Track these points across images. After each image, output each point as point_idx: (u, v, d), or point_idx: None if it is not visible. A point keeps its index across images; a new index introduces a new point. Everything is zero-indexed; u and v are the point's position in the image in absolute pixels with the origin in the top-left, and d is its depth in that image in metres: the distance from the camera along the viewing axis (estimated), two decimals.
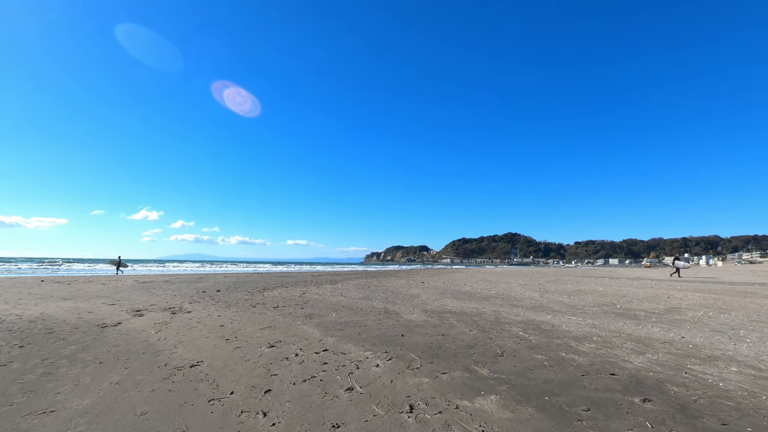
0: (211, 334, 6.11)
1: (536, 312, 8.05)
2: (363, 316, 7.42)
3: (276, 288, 14.66)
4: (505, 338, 5.31)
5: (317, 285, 16.54)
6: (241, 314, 7.93)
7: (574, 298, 11.24)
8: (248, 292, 12.82)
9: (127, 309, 9.18)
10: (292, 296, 11.37)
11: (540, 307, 8.99)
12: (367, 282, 19.22)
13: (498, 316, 7.32)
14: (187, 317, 7.81)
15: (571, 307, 8.87)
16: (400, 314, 7.62)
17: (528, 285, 17.36)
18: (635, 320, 6.98)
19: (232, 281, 19.03)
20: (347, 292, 12.73)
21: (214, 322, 7.11)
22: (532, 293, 12.74)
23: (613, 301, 10.33)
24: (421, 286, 16.36)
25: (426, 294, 12.24)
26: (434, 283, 18.16)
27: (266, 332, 6.09)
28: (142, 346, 5.51)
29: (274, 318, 7.34)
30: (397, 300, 10.36)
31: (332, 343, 5.20)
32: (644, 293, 12.67)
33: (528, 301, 10.36)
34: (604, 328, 6.08)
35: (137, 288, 14.75)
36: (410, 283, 18.52)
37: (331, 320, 6.95)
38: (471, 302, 9.93)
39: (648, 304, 9.45)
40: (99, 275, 25.64)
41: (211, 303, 9.89)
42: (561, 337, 5.36)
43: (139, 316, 8.24)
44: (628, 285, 17.36)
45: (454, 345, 4.91)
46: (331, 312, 7.98)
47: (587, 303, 9.80)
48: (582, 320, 6.93)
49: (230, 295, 11.69)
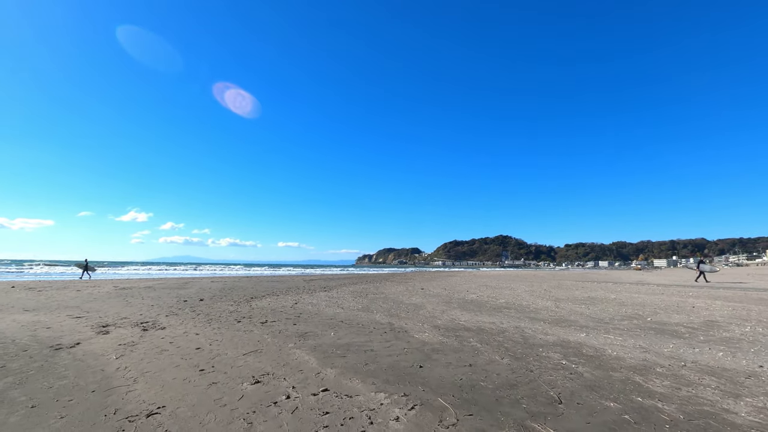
0: (184, 362, 4.99)
1: (563, 328, 7.05)
2: (366, 335, 6.33)
3: (265, 296, 13.47)
4: (549, 370, 4.27)
5: (310, 292, 15.39)
6: (223, 332, 6.79)
7: (592, 307, 10.29)
8: (234, 301, 11.62)
9: (93, 324, 7.99)
10: (282, 307, 10.22)
11: (562, 320, 8.00)
12: (363, 288, 18.11)
13: (524, 335, 6.29)
14: (159, 336, 6.65)
15: (597, 321, 7.90)
16: (409, 332, 6.55)
17: (534, 291, 16.43)
18: (682, 339, 6.01)
19: (218, 287, 17.76)
20: (344, 302, 11.61)
21: (190, 344, 5.97)
22: (544, 302, 11.78)
23: (637, 311, 9.40)
24: (422, 293, 15.31)
25: (431, 304, 11.19)
26: (435, 290, 17.13)
27: (251, 359, 4.97)
28: (94, 379, 4.38)
29: (261, 338, 6.21)
30: (401, 312, 9.28)
31: (333, 378, 4.11)
32: (661, 301, 11.79)
33: (545, 312, 9.38)
34: (659, 353, 5.09)
35: (113, 296, 13.46)
36: (409, 289, 17.46)
37: (330, 341, 5.85)
38: (483, 314, 8.90)
39: (678, 316, 8.53)
40: (77, 280, 24.09)
41: (190, 316, 8.72)
42: (616, 368, 4.35)
43: (103, 333, 7.06)
44: (637, 291, 16.53)
45: (490, 383, 3.86)
46: (328, 329, 6.87)
47: (611, 314, 8.85)
48: (622, 340, 5.94)
49: (214, 306, 10.50)
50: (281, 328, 7.00)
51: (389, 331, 6.70)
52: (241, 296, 13.37)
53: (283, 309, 9.82)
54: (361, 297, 13.29)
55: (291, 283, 21.94)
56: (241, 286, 19.32)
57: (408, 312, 9.26)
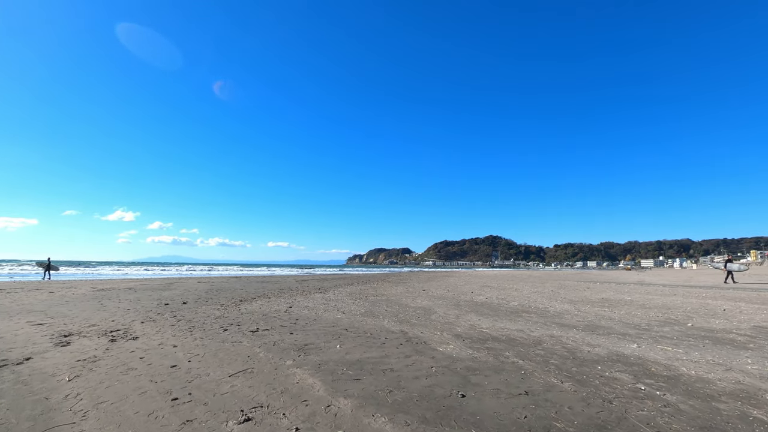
0: (153, 386, 3.90)
1: (604, 336, 6.10)
2: (379, 348, 5.28)
3: (256, 299, 12.32)
4: (632, 400, 3.28)
5: (305, 294, 14.26)
6: (206, 344, 5.68)
7: (616, 310, 9.40)
8: (221, 305, 10.45)
9: (55, 333, 6.83)
10: (276, 312, 9.11)
11: (596, 327, 7.07)
12: (360, 290, 17.05)
13: (566, 347, 5.32)
14: (128, 349, 5.53)
15: (634, 327, 6.98)
16: (429, 344, 5.52)
17: (541, 293, 15.56)
18: (750, 350, 5.11)
19: (205, 289, 16.52)
20: (344, 305, 10.53)
21: (165, 359, 4.87)
22: (560, 304, 10.86)
23: (668, 316, 8.53)
24: (425, 295, 14.30)
25: (440, 307, 10.18)
26: (437, 291, 16.14)
27: (239, 383, 3.90)
28: (32, 412, 3.30)
29: (252, 352, 5.13)
30: (411, 317, 8.25)
31: (351, 414, 3.07)
32: (682, 303, 10.97)
33: (569, 316, 8.44)
34: (745, 371, 4.15)
35: (88, 298, 12.17)
36: (410, 291, 16.44)
37: (337, 357, 4.79)
38: (504, 320, 7.93)
39: (718, 321, 7.68)
40: (54, 281, 22.53)
41: (170, 323, 7.57)
42: (714, 396, 3.38)
43: (63, 345, 5.92)
44: (647, 292, 15.78)
45: (567, 422, 2.84)
46: (332, 340, 5.81)
47: (643, 319, 7.96)
48: (684, 353, 5.00)
49: (198, 311, 9.34)
50: (276, 339, 5.91)
51: (405, 342, 5.66)
52: (229, 299, 12.19)
53: (277, 314, 8.71)
54: (361, 299, 12.23)
55: (283, 284, 20.76)
56: (230, 287, 18.09)
57: (419, 317, 8.24)
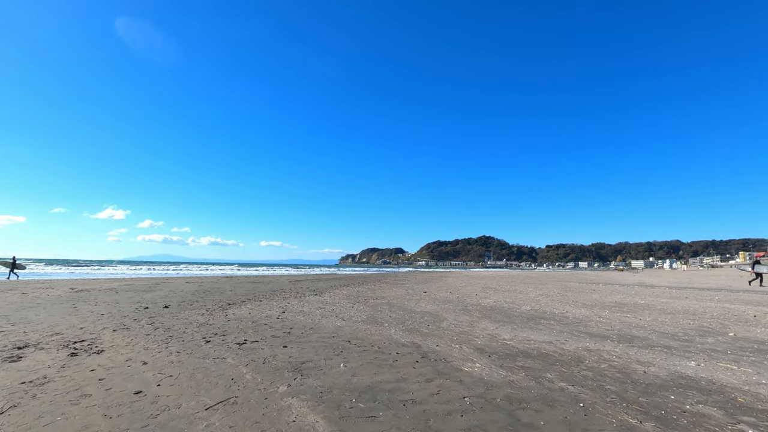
0: (105, 423, 2.99)
1: (648, 351, 5.27)
2: (392, 368, 4.37)
3: (246, 302, 11.33)
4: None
5: (299, 297, 13.30)
6: (183, 360, 4.74)
7: (639, 317, 8.62)
8: (207, 309, 9.46)
9: (9, 343, 5.88)
10: (267, 318, 8.16)
11: (630, 338, 6.25)
12: (358, 291, 16.12)
13: (614, 366, 4.46)
14: (89, 365, 4.58)
15: (673, 338, 6.18)
16: (450, 362, 4.63)
17: (549, 295, 14.78)
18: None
19: (192, 290, 15.46)
20: (342, 310, 9.60)
21: (129, 382, 3.93)
22: (575, 309, 10.06)
23: (701, 324, 7.76)
24: (428, 297, 13.43)
25: (448, 312, 9.31)
26: (439, 293, 15.29)
27: (217, 420, 2.98)
28: None
29: (237, 373, 4.19)
30: (421, 325, 7.35)
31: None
32: (705, 309, 10.25)
33: (593, 325, 7.63)
34: None
35: (63, 301, 11.09)
36: (410, 293, 15.56)
37: (341, 380, 3.88)
38: (524, 328, 7.07)
39: (759, 330, 6.94)
40: (33, 280, 21.24)
41: (145, 331, 6.60)
42: None
43: (12, 360, 4.97)
44: (657, 295, 15.09)
45: None
46: (334, 356, 4.89)
47: (677, 328, 7.18)
48: (756, 373, 4.19)
49: (180, 316, 8.35)
50: (267, 354, 4.97)
51: (421, 358, 4.77)
52: (216, 302, 11.19)
53: (268, 320, 7.76)
54: (360, 303, 11.31)
55: (275, 285, 19.75)
56: (219, 288, 17.05)
57: (428, 325, 7.35)
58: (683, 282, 28.46)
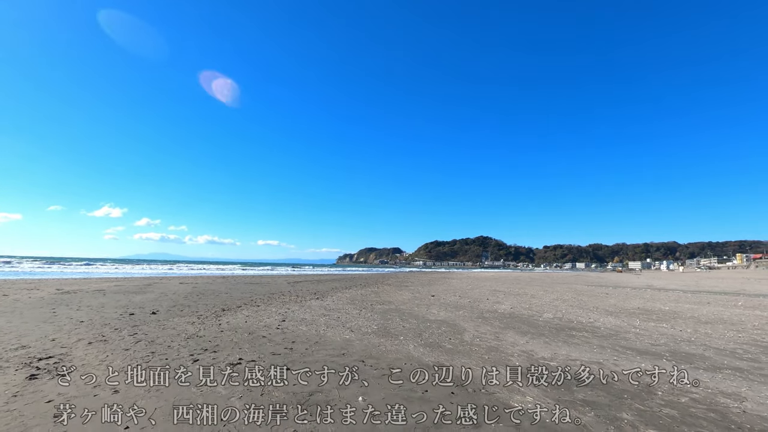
0: None
1: (720, 374, 4.43)
2: (423, 402, 3.48)
3: (242, 306, 10.43)
4: None
5: (299, 301, 12.42)
6: (162, 389, 3.86)
7: (675, 326, 7.80)
8: (198, 316, 8.55)
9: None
10: (266, 327, 7.27)
11: (687, 356, 5.41)
12: (361, 295, 15.25)
13: (699, 401, 3.61)
14: (45, 395, 3.71)
15: (737, 357, 5.35)
16: (493, 393, 3.76)
17: (563, 299, 13.96)
18: None
19: (185, 292, 14.53)
20: (349, 318, 8.72)
21: (90, 424, 3.05)
22: (600, 317, 9.23)
23: (752, 336, 6.96)
24: (438, 302, 12.58)
25: (465, 321, 8.45)
26: (448, 297, 14.44)
27: None
28: None
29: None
30: (441, 338, 6.48)
31: None
32: (738, 316, 9.44)
33: (631, 337, 6.79)
34: None
35: (44, 304, 10.16)
36: (418, 297, 14.70)
37: (363, 427, 3.00)
38: (557, 343, 6.22)
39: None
40: (19, 279, 20.23)
41: (124, 345, 5.72)
42: None
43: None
44: (676, 299, 14.31)
45: None
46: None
47: (730, 343, 6.35)
48: None
49: (168, 324, 7.45)
50: (265, 380, 4.09)
51: (455, 387, 3.89)
52: (209, 306, 10.28)
53: (267, 331, 6.87)
54: (367, 309, 10.44)
55: (273, 287, 18.84)
56: (214, 290, 16.12)
57: (449, 338, 6.49)
58: (691, 285, 27.77)
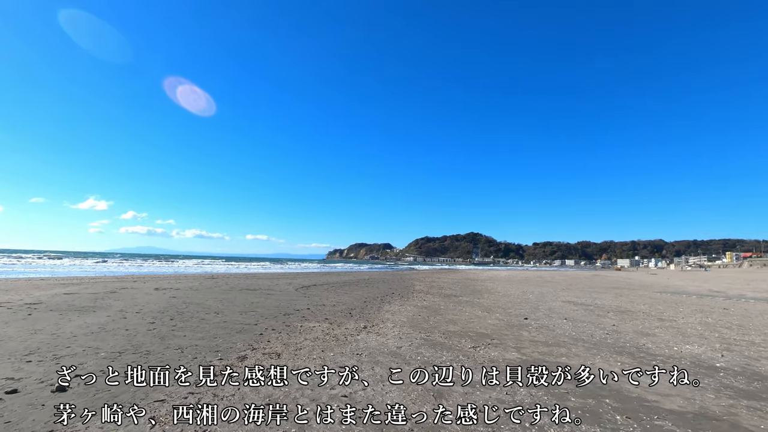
0: None
1: None
2: None
3: (247, 356, 6.13)
4: None
5: (335, 334, 8.14)
6: None
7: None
8: (150, 406, 4.23)
9: None
10: None
11: None
12: (424, 317, 11.04)
13: None
14: None
15: None
16: None
17: (707, 323, 10.00)
18: None
19: (157, 308, 10.07)
20: (467, 396, 4.50)
21: None
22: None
23: None
24: (548, 331, 8.45)
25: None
26: (539, 317, 10.35)
27: None
28: None
29: None
30: None
31: None
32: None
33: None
34: None
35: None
36: (501, 318, 10.55)
37: None
38: None
39: None
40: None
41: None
42: None
43: None
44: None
45: None
46: None
47: None
48: None
49: None
50: None
51: None
52: (192, 345, 5.93)
53: None
54: (458, 352, 6.22)
55: (279, 295, 14.42)
56: (198, 302, 11.68)
57: None
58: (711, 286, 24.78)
